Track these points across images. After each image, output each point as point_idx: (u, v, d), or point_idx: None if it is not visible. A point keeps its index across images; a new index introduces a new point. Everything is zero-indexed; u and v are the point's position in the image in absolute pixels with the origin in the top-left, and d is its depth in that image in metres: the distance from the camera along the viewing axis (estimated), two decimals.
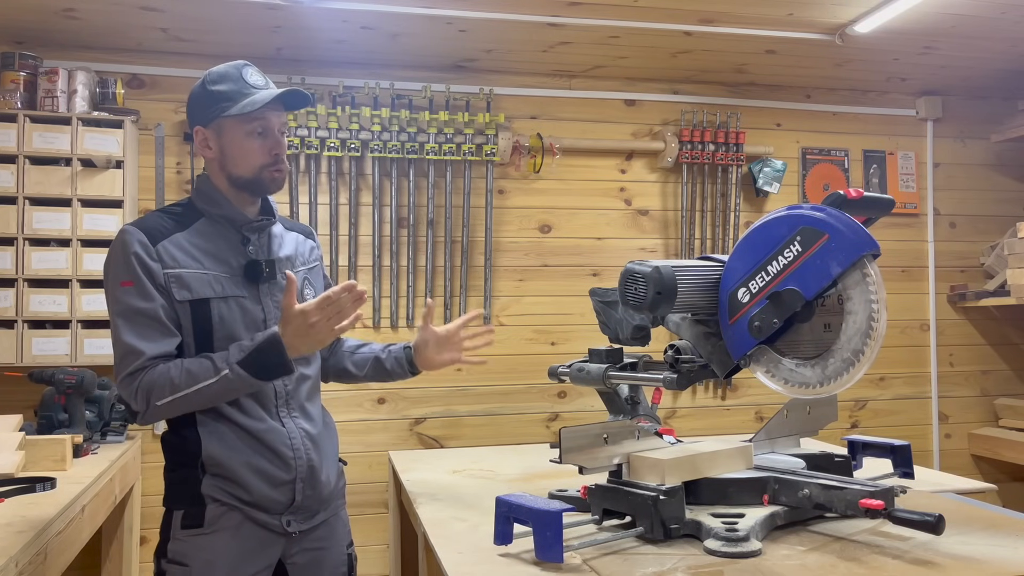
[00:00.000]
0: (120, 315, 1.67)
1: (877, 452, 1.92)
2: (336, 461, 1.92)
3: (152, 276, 1.67)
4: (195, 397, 1.65)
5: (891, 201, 1.63)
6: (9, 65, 3.04)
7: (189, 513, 1.71)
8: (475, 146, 3.49)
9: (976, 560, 1.41)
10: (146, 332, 1.66)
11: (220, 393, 1.66)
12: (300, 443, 1.77)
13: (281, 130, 1.79)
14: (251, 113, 1.72)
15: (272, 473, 1.73)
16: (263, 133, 1.75)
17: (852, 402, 3.93)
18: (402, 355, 2.02)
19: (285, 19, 2.98)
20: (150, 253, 1.68)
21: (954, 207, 4.11)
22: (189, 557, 1.70)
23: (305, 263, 1.92)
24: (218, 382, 1.64)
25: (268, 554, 1.76)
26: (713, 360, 1.67)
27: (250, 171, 1.76)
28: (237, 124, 1.74)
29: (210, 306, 1.70)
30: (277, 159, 1.77)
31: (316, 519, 1.83)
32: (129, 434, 2.97)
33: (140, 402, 1.65)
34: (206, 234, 1.76)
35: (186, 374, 1.64)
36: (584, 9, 2.95)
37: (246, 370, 1.64)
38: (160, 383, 1.64)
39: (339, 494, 1.93)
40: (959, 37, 3.28)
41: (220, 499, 1.71)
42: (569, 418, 3.63)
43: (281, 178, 1.79)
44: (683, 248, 3.75)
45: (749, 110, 3.86)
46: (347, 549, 1.92)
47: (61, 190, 2.98)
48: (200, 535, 1.70)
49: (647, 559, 1.43)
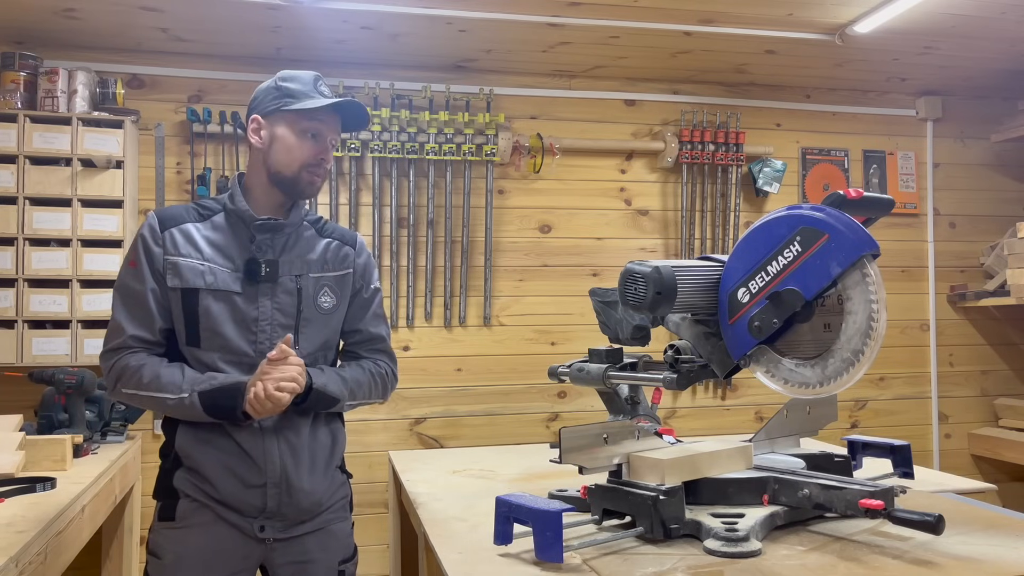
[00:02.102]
0: (117, 291, 1.76)
1: (877, 452, 1.92)
2: (330, 472, 1.85)
3: (152, 260, 1.74)
4: (152, 402, 1.71)
5: (891, 201, 1.63)
6: (9, 65, 3.04)
7: (165, 505, 1.75)
8: (475, 146, 3.49)
9: (976, 560, 1.41)
10: (133, 312, 1.73)
11: (175, 409, 1.71)
12: (274, 448, 1.74)
13: (333, 142, 1.82)
14: (311, 111, 1.76)
15: (243, 475, 1.72)
16: (315, 136, 1.78)
17: (852, 402, 3.93)
18: None
19: (285, 19, 2.98)
20: (156, 238, 1.74)
21: (954, 207, 4.11)
22: (162, 549, 1.73)
23: (332, 269, 1.86)
24: (177, 400, 1.69)
25: (243, 558, 1.74)
26: (713, 360, 1.67)
27: (292, 168, 1.77)
28: (294, 120, 1.77)
29: (198, 297, 1.72)
30: (321, 163, 1.79)
31: (298, 529, 1.78)
32: (129, 434, 2.97)
33: (110, 380, 1.74)
34: (221, 229, 1.78)
35: (155, 378, 1.69)
36: (584, 9, 2.95)
37: (201, 402, 1.68)
38: (130, 373, 1.70)
39: (335, 507, 1.86)
40: (959, 37, 3.28)
41: (191, 494, 1.73)
42: (569, 418, 3.63)
43: (318, 183, 1.81)
44: (683, 248, 3.75)
45: (749, 110, 3.86)
46: (339, 565, 1.85)
47: (61, 190, 2.98)
48: (172, 528, 1.73)
49: (647, 559, 1.43)
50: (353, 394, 1.85)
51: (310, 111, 1.76)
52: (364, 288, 1.93)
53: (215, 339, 1.73)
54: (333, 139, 1.81)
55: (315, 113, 1.76)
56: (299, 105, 1.76)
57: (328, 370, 1.82)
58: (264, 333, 1.75)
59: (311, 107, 1.75)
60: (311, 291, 1.81)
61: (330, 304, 1.83)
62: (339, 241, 1.91)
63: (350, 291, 1.90)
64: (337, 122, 1.82)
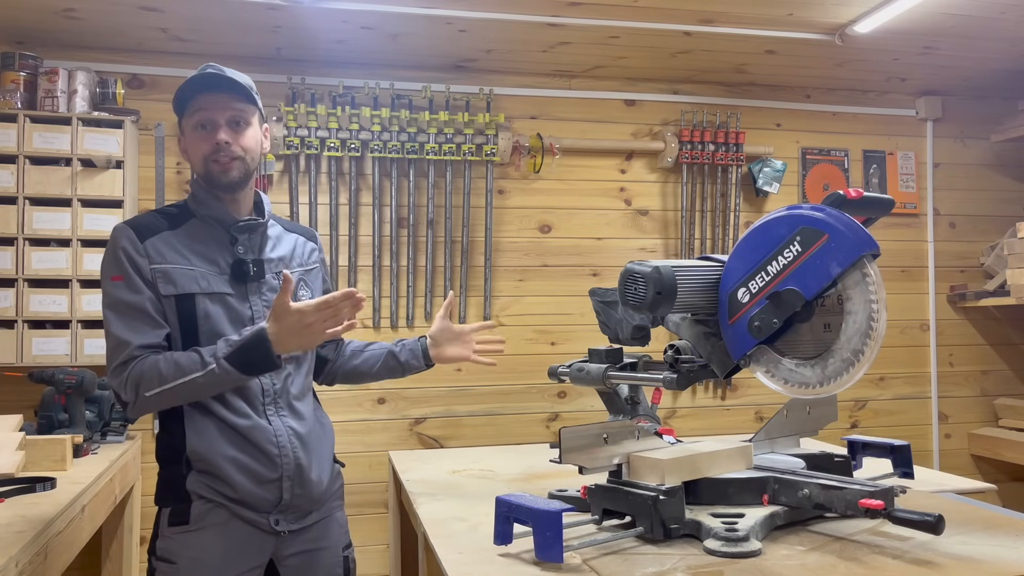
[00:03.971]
0: (110, 308, 1.71)
1: (877, 452, 1.92)
2: (330, 461, 1.90)
3: (139, 270, 1.71)
4: (182, 389, 1.66)
5: (891, 201, 1.63)
6: (9, 65, 3.04)
7: (176, 510, 1.73)
8: (475, 146, 3.49)
9: (976, 560, 1.41)
10: (134, 324, 1.70)
11: (207, 386, 1.67)
12: (287, 441, 1.76)
13: (234, 120, 1.76)
14: (188, 106, 1.75)
15: (257, 471, 1.73)
16: (206, 126, 1.75)
17: (852, 402, 3.93)
18: (418, 347, 2.07)
19: (285, 19, 2.98)
20: (137, 248, 1.72)
21: (954, 207, 4.11)
22: (176, 554, 1.71)
23: (302, 264, 1.92)
24: (205, 375, 1.65)
25: (257, 553, 1.75)
26: (713, 360, 1.67)
27: (199, 165, 1.77)
28: (187, 122, 1.78)
29: (195, 301, 1.73)
30: (217, 148, 1.74)
31: (308, 519, 1.82)
32: (129, 434, 2.97)
33: (129, 392, 1.67)
34: (196, 234, 1.79)
35: (174, 366, 1.66)
36: (584, 9, 2.95)
37: (232, 364, 1.65)
38: (149, 375, 1.65)
39: (335, 495, 1.92)
40: (959, 37, 3.28)
41: (205, 496, 1.72)
42: (569, 418, 3.63)
43: (224, 169, 1.75)
44: (683, 248, 3.75)
45: (749, 110, 3.86)
46: (343, 551, 1.90)
47: (61, 190, 2.98)
48: (187, 532, 1.71)
49: (647, 559, 1.43)
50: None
51: (189, 105, 1.75)
52: (325, 283, 2.00)
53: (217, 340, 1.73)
54: (233, 117, 1.76)
55: (195, 104, 1.74)
56: (180, 107, 1.77)
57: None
58: None
59: (186, 104, 1.75)
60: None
61: (307, 298, 1.83)
62: (304, 237, 1.97)
63: (320, 286, 1.96)
64: (223, 99, 1.75)
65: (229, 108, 1.76)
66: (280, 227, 1.93)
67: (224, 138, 1.74)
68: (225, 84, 1.75)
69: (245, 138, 1.78)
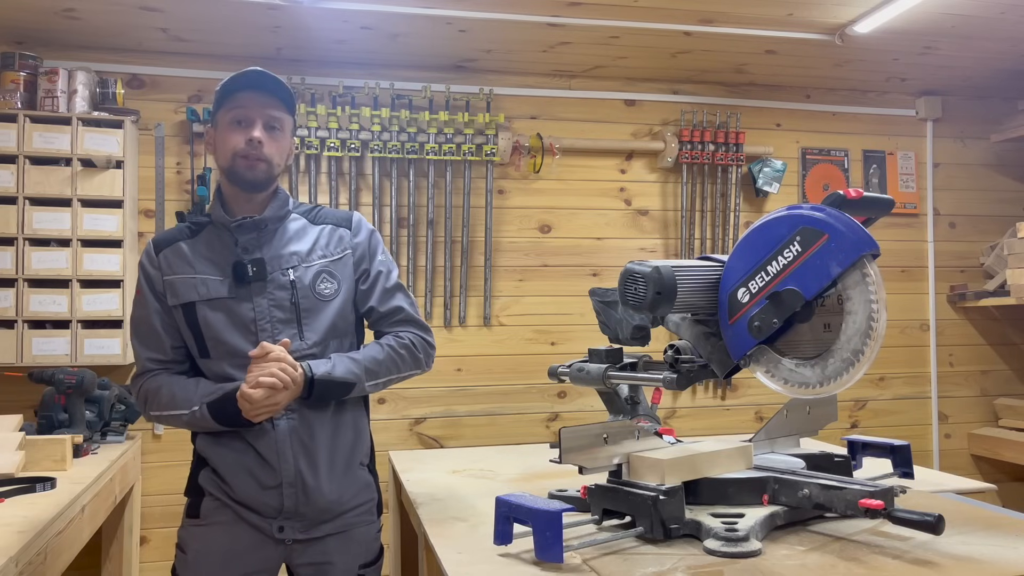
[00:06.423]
0: (131, 321, 1.85)
1: (877, 452, 1.92)
2: (350, 472, 1.82)
3: (152, 284, 1.80)
4: (173, 420, 1.77)
5: (891, 201, 1.63)
6: (9, 65, 3.04)
7: (192, 503, 1.81)
8: (475, 146, 3.49)
9: (976, 560, 1.41)
10: (144, 338, 1.81)
11: (192, 424, 1.76)
12: (288, 448, 1.74)
13: (270, 124, 1.77)
14: (228, 101, 1.76)
15: (259, 475, 1.74)
16: (241, 122, 1.76)
17: (852, 402, 3.93)
18: None
19: (285, 19, 2.98)
20: (152, 262, 1.81)
21: (954, 207, 4.11)
22: (187, 545, 1.78)
23: (325, 256, 1.83)
24: (190, 415, 1.73)
25: (263, 558, 1.76)
26: (713, 360, 1.67)
27: (226, 160, 1.77)
28: (223, 116, 1.78)
29: (196, 309, 1.75)
30: (250, 145, 1.74)
31: (319, 530, 1.78)
32: (129, 434, 2.97)
33: (140, 405, 1.82)
34: (209, 240, 1.81)
35: (170, 398, 1.75)
36: (584, 9, 2.95)
37: (210, 412, 1.72)
38: (152, 397, 1.77)
39: (359, 510, 1.84)
40: (959, 37, 3.28)
41: (213, 493, 1.78)
42: (569, 418, 3.63)
43: (251, 166, 1.75)
44: (683, 248, 3.75)
45: (749, 110, 3.86)
46: (359, 569, 1.83)
47: (61, 190, 2.98)
48: (197, 525, 1.78)
49: (647, 559, 1.43)
50: (372, 373, 1.79)
51: (228, 100, 1.75)
52: (368, 267, 1.89)
53: (220, 347, 1.75)
54: (269, 120, 1.76)
55: (235, 101, 1.75)
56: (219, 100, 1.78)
57: (337, 356, 1.78)
58: (265, 332, 1.75)
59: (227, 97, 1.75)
60: (308, 281, 1.79)
61: (331, 290, 1.81)
62: (332, 225, 1.88)
63: (352, 273, 1.87)
64: (264, 101, 1.76)
65: (269, 111, 1.77)
66: (304, 220, 1.86)
67: (258, 136, 1.75)
68: (270, 86, 1.77)
69: (277, 143, 1.78)
